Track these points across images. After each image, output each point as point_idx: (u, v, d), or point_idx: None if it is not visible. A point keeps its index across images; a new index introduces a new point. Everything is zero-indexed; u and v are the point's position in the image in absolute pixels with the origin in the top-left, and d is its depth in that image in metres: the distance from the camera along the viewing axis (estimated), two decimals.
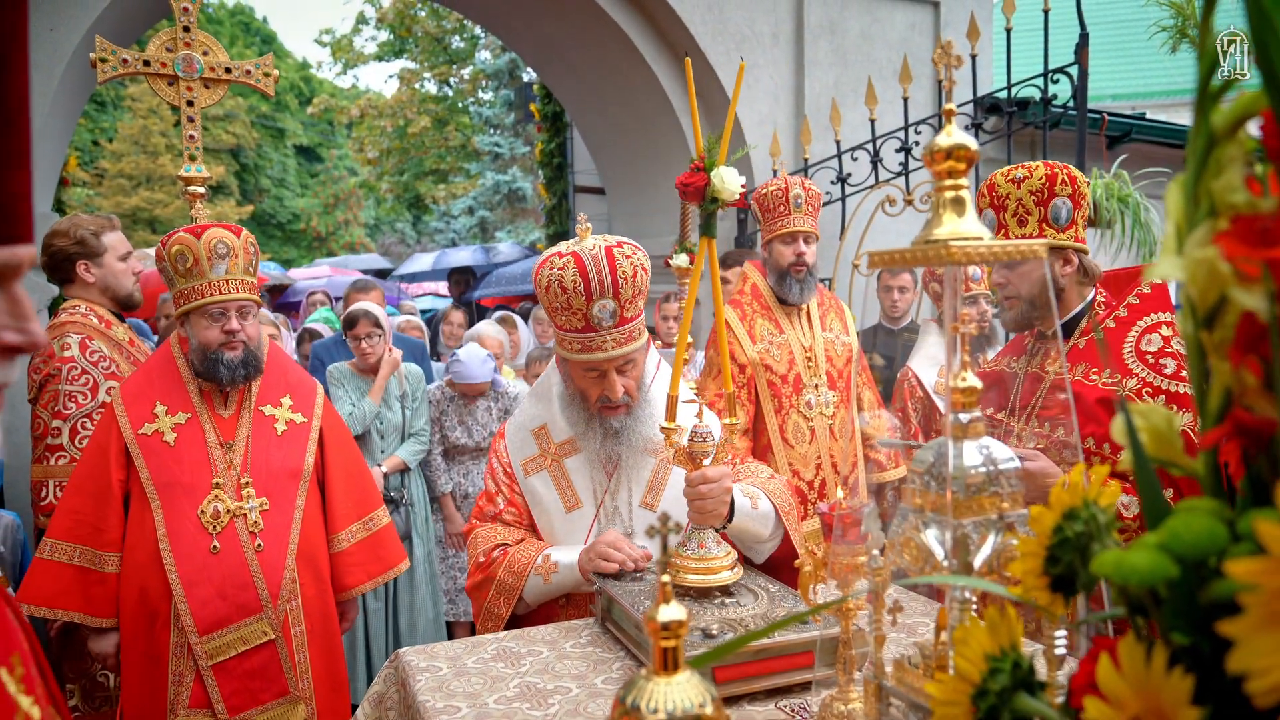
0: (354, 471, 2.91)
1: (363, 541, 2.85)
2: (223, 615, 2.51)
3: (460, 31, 20.01)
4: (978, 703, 0.80)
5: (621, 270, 2.03)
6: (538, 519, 2.26)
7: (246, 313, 2.64)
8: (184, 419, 2.64)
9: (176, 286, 2.60)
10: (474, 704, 1.62)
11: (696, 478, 1.89)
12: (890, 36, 6.26)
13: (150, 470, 2.55)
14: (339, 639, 2.82)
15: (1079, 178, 2.34)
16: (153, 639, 2.52)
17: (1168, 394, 2.13)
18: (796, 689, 1.64)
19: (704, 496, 1.88)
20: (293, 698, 2.60)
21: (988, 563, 1.03)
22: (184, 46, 2.88)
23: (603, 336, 2.07)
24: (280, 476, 2.69)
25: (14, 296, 0.83)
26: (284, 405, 2.79)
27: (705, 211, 1.89)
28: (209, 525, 2.55)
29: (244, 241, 2.62)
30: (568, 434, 2.25)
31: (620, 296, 2.05)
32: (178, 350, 2.72)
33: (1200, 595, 0.62)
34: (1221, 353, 0.63)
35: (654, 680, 0.82)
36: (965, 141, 1.04)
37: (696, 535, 1.86)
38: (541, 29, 6.45)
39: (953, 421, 1.08)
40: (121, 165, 23.83)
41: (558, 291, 2.05)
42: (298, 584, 2.64)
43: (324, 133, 30.71)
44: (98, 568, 2.54)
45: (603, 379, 2.13)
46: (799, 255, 3.31)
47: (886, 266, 1.08)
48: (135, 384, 2.69)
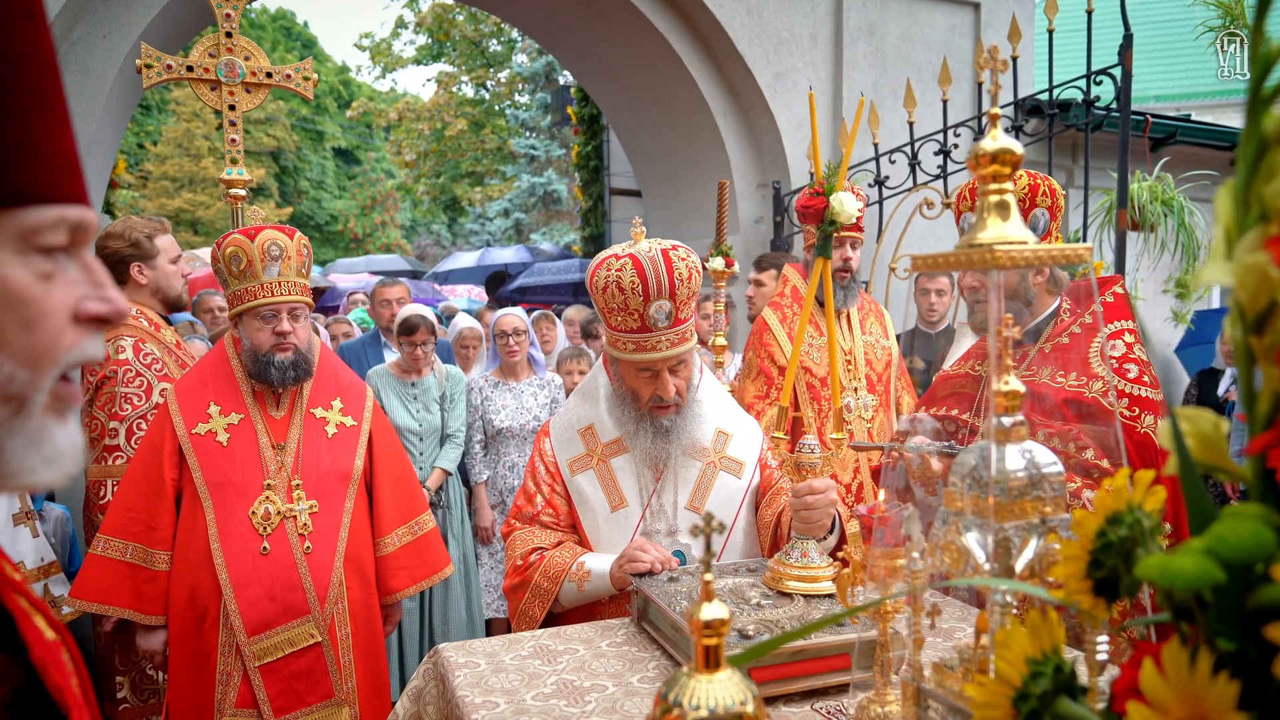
0: (401, 476, 2.92)
1: (408, 545, 2.86)
2: (271, 616, 2.53)
3: (498, 35, 20.17)
4: (1018, 706, 0.80)
5: (678, 272, 2.07)
6: (582, 517, 2.28)
7: (298, 315, 2.65)
8: (237, 419, 2.66)
9: (230, 288, 2.62)
10: (511, 700, 1.64)
11: (803, 488, 1.94)
12: (930, 38, 6.21)
13: (203, 470, 2.57)
14: (382, 642, 2.84)
15: (1058, 189, 2.42)
16: (201, 638, 2.54)
17: (1131, 397, 2.26)
18: (833, 691, 1.64)
19: (810, 507, 1.93)
20: (337, 700, 2.62)
21: (1029, 566, 1.03)
22: (226, 52, 2.93)
23: (658, 337, 2.11)
24: (330, 479, 2.70)
25: (87, 264, 0.79)
26: (335, 408, 2.80)
27: (822, 234, 1.99)
28: (260, 526, 2.57)
29: (297, 244, 2.64)
30: (615, 434, 2.27)
31: (676, 298, 2.09)
32: (232, 351, 2.74)
33: (1247, 601, 0.62)
34: (1270, 358, 0.63)
35: (696, 678, 0.83)
36: (1010, 146, 1.04)
37: (800, 544, 1.91)
38: (579, 32, 6.48)
39: (995, 425, 1.07)
40: (165, 168, 24.33)
41: (615, 293, 2.08)
42: (345, 587, 2.66)
43: (362, 135, 31.11)
44: (149, 565, 2.57)
45: (655, 379, 2.16)
46: (845, 260, 3.30)
47: (929, 270, 1.08)
48: (189, 384, 2.72)
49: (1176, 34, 12.86)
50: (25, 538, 2.88)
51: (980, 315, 2.43)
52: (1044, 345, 2.40)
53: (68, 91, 0.77)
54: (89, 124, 4.20)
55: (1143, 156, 6.03)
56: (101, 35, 4.22)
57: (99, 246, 3.27)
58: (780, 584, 1.86)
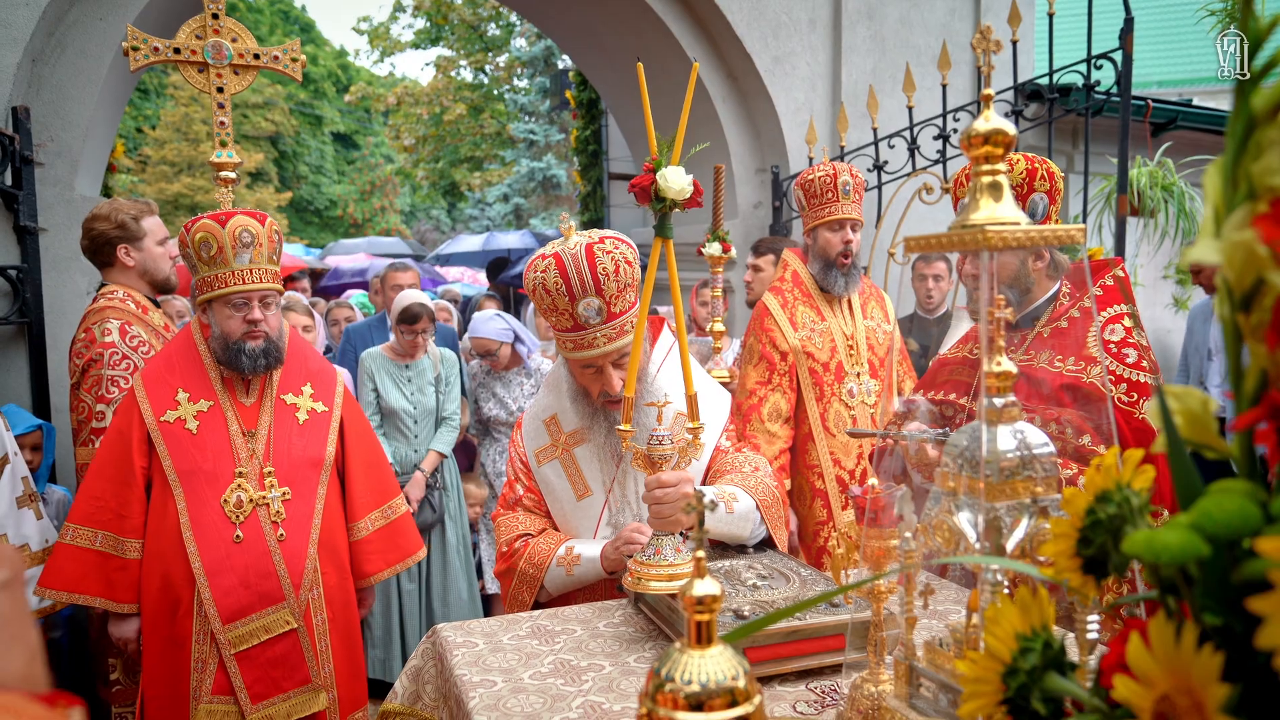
0: (373, 460, 2.91)
1: (381, 530, 2.86)
2: (245, 604, 2.52)
3: (496, 19, 20.08)
4: (1008, 681, 0.80)
5: (602, 267, 2.03)
6: (551, 507, 2.30)
7: (269, 302, 2.63)
8: (206, 406, 2.63)
9: (200, 273, 2.58)
10: (509, 679, 1.66)
11: (652, 482, 1.84)
12: (929, 22, 6.18)
13: (173, 458, 2.55)
14: (358, 627, 2.84)
15: (1057, 173, 2.40)
16: (175, 626, 2.53)
17: (1130, 382, 2.23)
18: (827, 671, 1.65)
19: (659, 500, 1.83)
20: (314, 686, 2.62)
21: (1020, 546, 1.04)
22: (213, 34, 2.91)
23: (593, 334, 2.08)
24: (302, 466, 2.69)
25: None
26: (305, 394, 2.78)
27: (656, 211, 1.87)
28: (232, 515, 2.56)
29: (268, 229, 2.60)
30: (576, 424, 2.27)
31: (604, 293, 2.05)
32: (199, 335, 2.70)
33: (1232, 575, 0.62)
34: (1258, 335, 0.63)
35: (688, 653, 0.84)
36: (1003, 126, 1.04)
37: (654, 542, 1.78)
38: (577, 15, 6.45)
39: (987, 406, 1.08)
40: (164, 152, 24.26)
41: (543, 294, 2.06)
42: (319, 573, 2.65)
43: (361, 120, 31.00)
44: (119, 554, 2.55)
45: (600, 374, 2.15)
46: (846, 243, 3.29)
47: (923, 251, 1.09)
48: (155, 369, 2.67)
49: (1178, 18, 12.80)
50: (30, 520, 2.89)
51: (979, 301, 2.43)
52: (1042, 329, 2.39)
53: (66, 75, 0.77)
54: (86, 107, 4.18)
55: (1143, 142, 6.01)
56: (98, 18, 4.20)
57: (86, 228, 3.25)
58: (642, 585, 1.72)
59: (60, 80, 4.12)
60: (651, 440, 1.83)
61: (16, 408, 3.52)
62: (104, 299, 3.20)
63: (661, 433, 1.82)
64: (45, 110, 4.08)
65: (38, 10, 3.90)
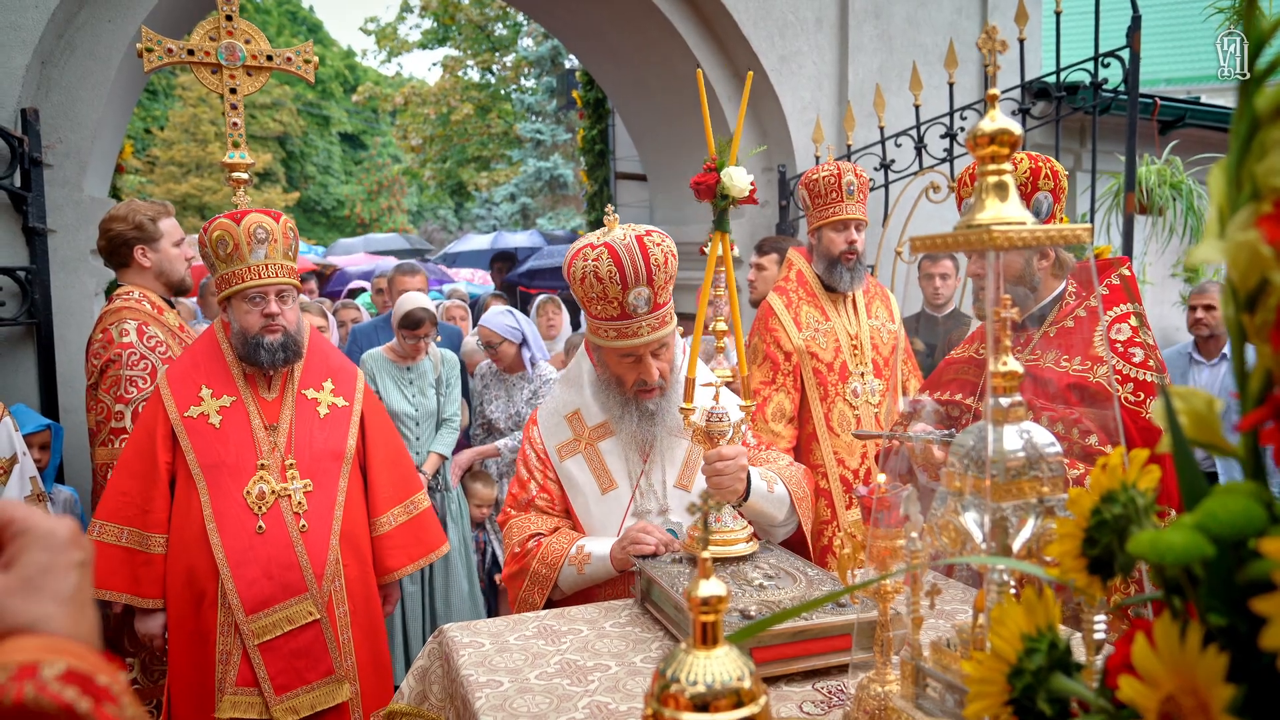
0: (395, 456, 2.95)
1: (404, 525, 2.89)
2: (268, 595, 2.55)
3: (503, 19, 20.08)
4: (1013, 682, 0.80)
5: (654, 258, 2.09)
6: (574, 501, 2.31)
7: (286, 296, 2.67)
8: (229, 401, 2.68)
9: (218, 271, 2.64)
10: (516, 679, 1.66)
11: (713, 455, 2.01)
12: (936, 20, 6.16)
13: (196, 452, 2.60)
14: (381, 620, 2.86)
15: (1061, 172, 2.39)
16: (200, 619, 2.57)
17: (1136, 382, 2.23)
18: (834, 671, 1.65)
19: (720, 473, 2.00)
20: (338, 677, 2.64)
21: (1026, 546, 1.04)
22: (226, 35, 2.92)
23: (639, 323, 2.13)
24: (323, 458, 2.73)
25: None
26: (326, 389, 2.82)
27: (717, 208, 2.00)
28: (254, 506, 2.60)
29: (283, 226, 2.66)
30: (601, 418, 2.30)
31: (654, 283, 2.11)
32: (221, 334, 2.77)
33: (1237, 576, 0.62)
34: (1263, 335, 0.63)
35: (693, 653, 0.84)
36: (1008, 126, 1.04)
37: (713, 510, 1.93)
38: (584, 15, 6.45)
39: (993, 406, 1.08)
40: (172, 153, 24.33)
41: (593, 282, 2.09)
42: (341, 565, 2.69)
43: (368, 120, 31.04)
44: (145, 549, 2.60)
45: (639, 364, 2.19)
46: (851, 243, 3.28)
47: (929, 251, 1.09)
48: (181, 368, 2.74)
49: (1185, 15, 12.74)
50: None
51: (985, 300, 2.42)
52: (1048, 329, 2.38)
53: (75, 76, 0.78)
54: (95, 109, 4.19)
55: (1151, 139, 5.98)
56: (106, 20, 4.21)
57: (103, 229, 3.28)
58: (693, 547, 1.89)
59: (69, 82, 4.14)
60: (710, 418, 1.99)
61: (24, 407, 3.54)
62: (120, 300, 3.22)
63: (720, 410, 1.99)
64: (54, 112, 4.10)
65: (46, 12, 3.92)
